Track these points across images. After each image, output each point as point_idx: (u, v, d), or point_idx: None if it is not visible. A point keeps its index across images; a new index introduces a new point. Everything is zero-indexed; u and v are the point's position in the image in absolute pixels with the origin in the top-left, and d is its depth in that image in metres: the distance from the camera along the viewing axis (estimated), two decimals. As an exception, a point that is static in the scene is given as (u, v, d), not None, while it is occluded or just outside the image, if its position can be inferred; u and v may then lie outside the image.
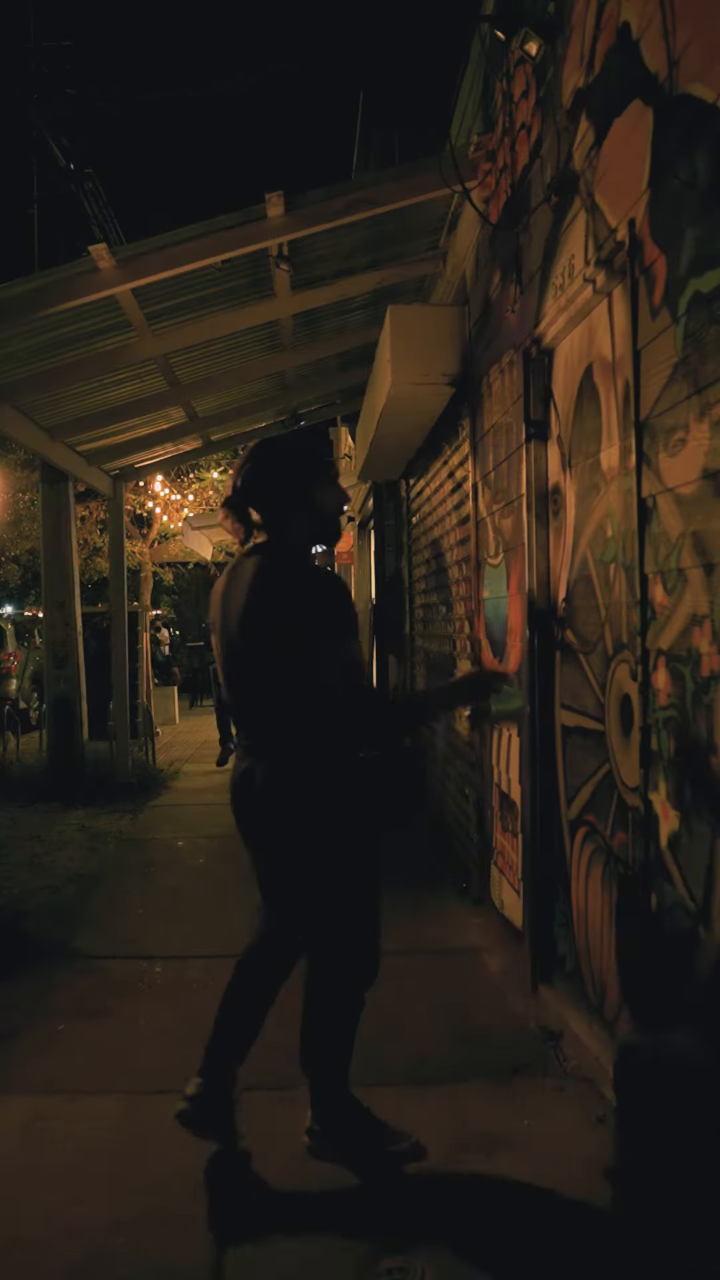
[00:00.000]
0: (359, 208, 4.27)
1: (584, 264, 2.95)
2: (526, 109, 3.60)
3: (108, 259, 4.21)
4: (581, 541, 3.20)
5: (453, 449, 5.48)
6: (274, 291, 5.29)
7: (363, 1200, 2.38)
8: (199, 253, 4.32)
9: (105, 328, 5.15)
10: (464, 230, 4.89)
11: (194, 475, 15.59)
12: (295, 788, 2.37)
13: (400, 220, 4.87)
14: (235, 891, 5.07)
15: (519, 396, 3.75)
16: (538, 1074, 3.02)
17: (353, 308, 6.22)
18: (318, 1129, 2.52)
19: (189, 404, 7.13)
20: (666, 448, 2.36)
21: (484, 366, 4.52)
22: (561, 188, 3.12)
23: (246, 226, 4.29)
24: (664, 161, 2.32)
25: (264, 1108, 2.84)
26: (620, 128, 2.62)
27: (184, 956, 4.13)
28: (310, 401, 8.67)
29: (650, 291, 2.45)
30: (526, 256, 3.65)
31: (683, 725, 2.29)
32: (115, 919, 4.72)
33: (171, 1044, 3.30)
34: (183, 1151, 2.62)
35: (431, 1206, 2.35)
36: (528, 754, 3.70)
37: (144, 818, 7.15)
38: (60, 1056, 3.23)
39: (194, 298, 5.12)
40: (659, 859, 2.43)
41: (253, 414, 8.18)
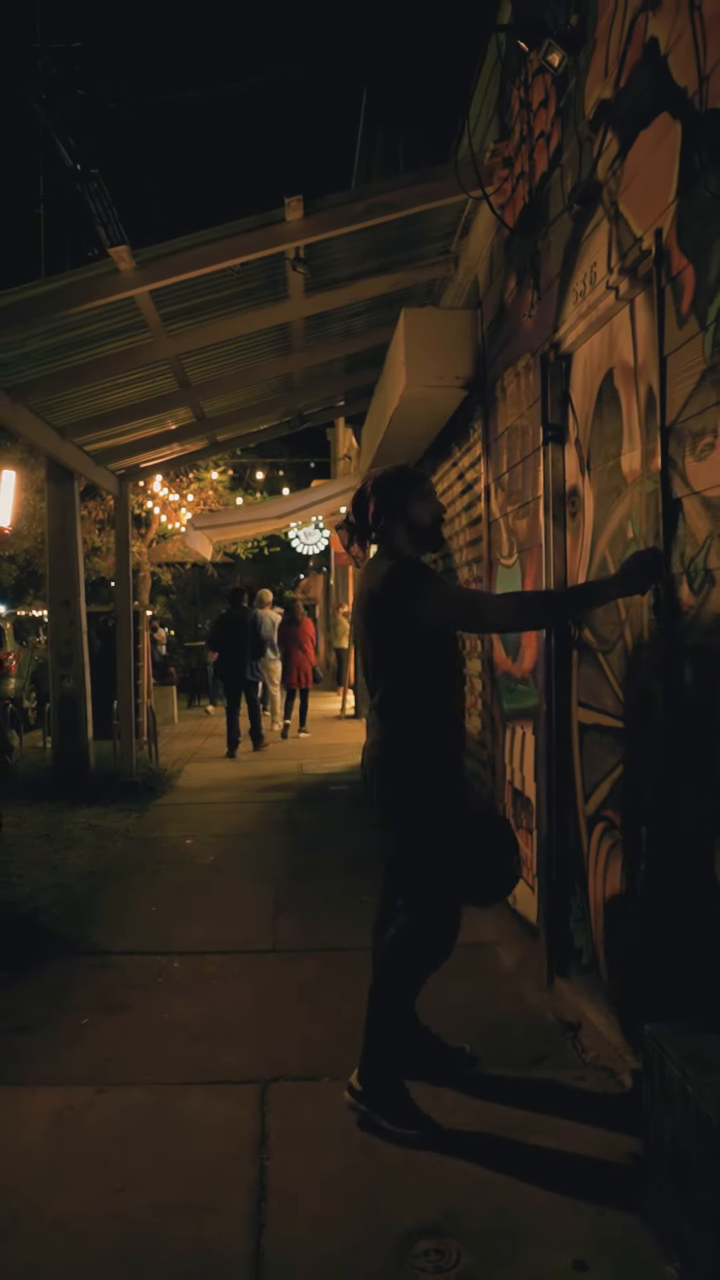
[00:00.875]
0: (377, 212, 4.33)
1: (607, 271, 3.01)
2: (545, 118, 3.66)
3: (128, 260, 4.25)
4: (601, 542, 3.26)
5: (463, 451, 5.54)
6: (288, 294, 5.34)
7: (397, 1182, 2.43)
8: (218, 255, 4.37)
9: (121, 328, 5.19)
10: (477, 235, 4.95)
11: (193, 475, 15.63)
12: (405, 754, 2.76)
13: (414, 224, 4.93)
14: (247, 890, 5.13)
15: (536, 400, 3.81)
16: (557, 1065, 3.08)
17: (360, 311, 6.28)
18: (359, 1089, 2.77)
19: (198, 404, 7.17)
20: (694, 452, 2.42)
21: (498, 370, 4.58)
22: (584, 197, 3.18)
23: (265, 230, 4.34)
24: (693, 174, 2.38)
25: (289, 1098, 2.89)
26: (646, 139, 2.68)
27: (200, 952, 4.17)
28: (315, 403, 8.72)
29: (677, 300, 2.51)
30: (545, 263, 3.71)
31: (709, 722, 2.35)
32: (129, 916, 4.76)
33: (194, 1037, 3.35)
34: (214, 1140, 2.67)
35: (462, 1187, 2.41)
36: (544, 751, 3.76)
37: (150, 816, 7.18)
38: (86, 1049, 3.27)
39: (210, 299, 5.17)
40: (683, 851, 2.50)
41: (259, 415, 8.23)
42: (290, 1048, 3.24)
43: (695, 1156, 1.97)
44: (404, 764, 2.77)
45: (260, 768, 9.32)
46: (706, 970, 2.38)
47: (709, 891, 2.36)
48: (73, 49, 8.38)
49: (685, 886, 2.50)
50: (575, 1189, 2.40)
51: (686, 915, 2.50)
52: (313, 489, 13.60)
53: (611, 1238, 2.22)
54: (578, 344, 3.46)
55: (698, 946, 2.43)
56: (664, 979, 2.63)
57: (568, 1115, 2.74)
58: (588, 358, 3.39)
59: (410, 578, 2.74)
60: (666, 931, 2.63)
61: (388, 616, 2.75)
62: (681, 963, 2.53)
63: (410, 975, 2.78)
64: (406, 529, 2.89)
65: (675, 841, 2.56)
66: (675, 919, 2.56)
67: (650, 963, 2.77)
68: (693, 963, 2.46)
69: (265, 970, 3.98)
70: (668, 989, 2.60)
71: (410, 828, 2.77)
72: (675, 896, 2.56)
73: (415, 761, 2.76)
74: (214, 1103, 2.89)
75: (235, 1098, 2.91)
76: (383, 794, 2.81)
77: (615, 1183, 2.41)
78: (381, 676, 2.83)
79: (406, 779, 2.76)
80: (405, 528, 2.88)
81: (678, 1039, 2.20)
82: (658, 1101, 2.18)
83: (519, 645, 4.19)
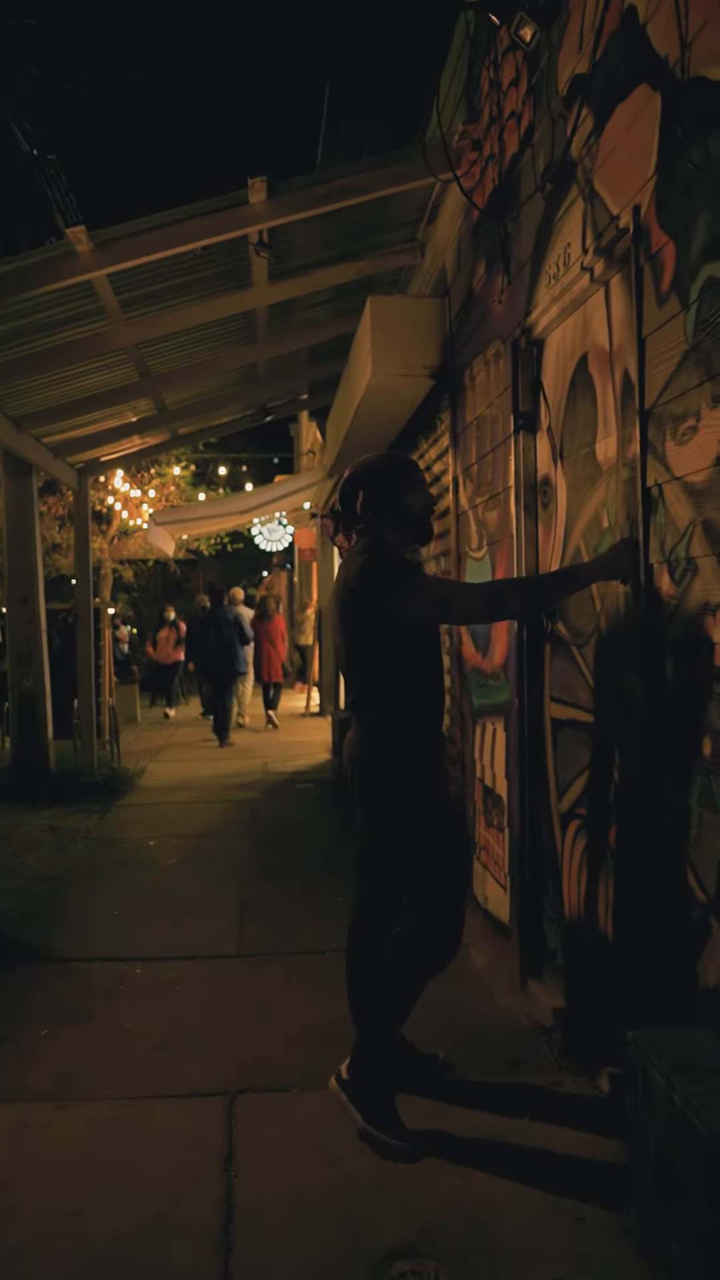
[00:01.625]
0: (342, 195, 4.21)
1: (581, 252, 2.93)
2: (516, 97, 3.57)
3: (86, 242, 4.10)
4: (575, 532, 3.18)
5: (430, 442, 5.44)
6: (251, 281, 5.21)
7: (371, 1198, 2.33)
8: (179, 238, 4.22)
9: (79, 315, 5.02)
10: (445, 221, 4.85)
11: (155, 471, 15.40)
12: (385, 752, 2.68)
13: (380, 210, 4.82)
14: (211, 891, 5.00)
15: (506, 388, 3.72)
16: (534, 1069, 2.99)
17: (325, 300, 6.16)
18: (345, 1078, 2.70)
19: (159, 396, 7.00)
20: (675, 436, 2.34)
21: (466, 359, 4.49)
22: (557, 176, 3.09)
23: (228, 212, 4.20)
24: (674, 146, 2.30)
25: (257, 1111, 2.78)
26: (624, 113, 2.59)
27: (164, 958, 4.04)
28: (279, 395, 8.58)
29: (657, 279, 2.42)
30: (516, 246, 3.62)
31: (693, 716, 2.27)
32: (91, 921, 4.61)
33: (158, 1047, 3.22)
34: (179, 1156, 2.55)
35: (439, 1201, 2.30)
36: (516, 748, 3.67)
37: (112, 817, 7.02)
38: (45, 1062, 3.13)
39: (170, 285, 5.01)
40: (666, 850, 2.42)
41: (222, 407, 8.07)
42: (258, 1057, 3.13)
43: (683, 1170, 1.88)
44: (386, 763, 2.67)
45: (224, 766, 9.18)
46: (685, 973, 2.30)
47: (690, 892, 2.28)
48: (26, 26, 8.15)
49: (664, 885, 2.42)
50: (555, 1201, 2.31)
51: (665, 915, 2.42)
52: (276, 484, 13.47)
53: (593, 1253, 2.14)
54: (550, 329, 3.37)
55: (677, 948, 2.36)
56: (642, 981, 2.55)
57: (545, 1122, 2.65)
58: (560, 343, 3.30)
59: (386, 570, 2.64)
60: (645, 932, 2.55)
61: (365, 611, 2.64)
62: (660, 965, 2.45)
63: (417, 976, 2.68)
64: (396, 520, 2.78)
65: (655, 838, 2.48)
66: (654, 919, 2.48)
67: (628, 965, 2.70)
68: (671, 965, 2.38)
69: (231, 976, 3.86)
70: (646, 992, 2.52)
71: (396, 828, 2.67)
72: (654, 896, 2.48)
73: (397, 760, 2.66)
74: (179, 1117, 2.76)
75: (201, 1111, 2.79)
76: (364, 794, 2.70)
77: (596, 1193, 2.32)
78: (359, 673, 2.73)
79: (389, 778, 2.66)
80: (395, 519, 2.78)
81: (660, 1045, 2.11)
82: (641, 1110, 2.09)
83: (489, 639, 4.10)
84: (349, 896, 2.94)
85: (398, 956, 2.67)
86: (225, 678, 10.98)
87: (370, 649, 2.68)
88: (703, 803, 2.23)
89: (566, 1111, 2.71)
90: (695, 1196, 1.83)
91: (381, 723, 2.68)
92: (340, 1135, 2.61)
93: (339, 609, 2.76)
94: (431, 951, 2.67)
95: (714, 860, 2.18)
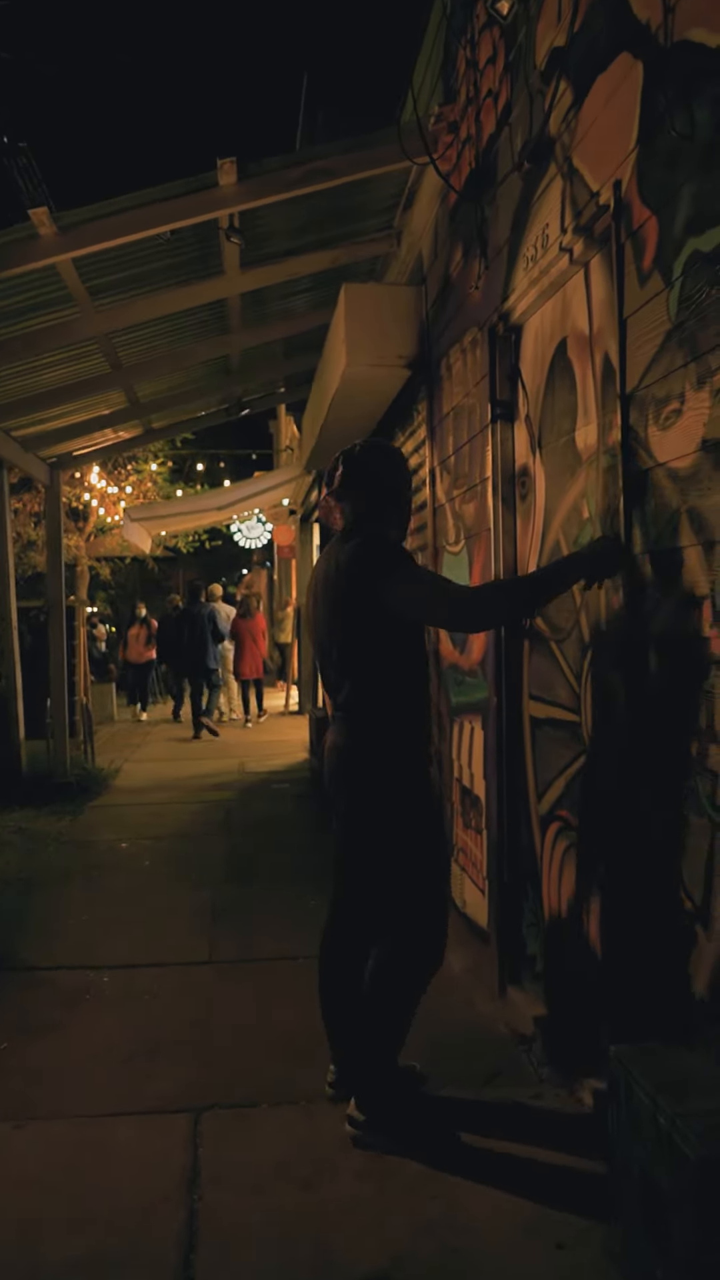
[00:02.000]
0: (315, 179, 4.08)
1: (560, 232, 2.82)
2: (493, 75, 3.45)
3: (49, 224, 3.95)
4: (554, 524, 3.07)
5: (407, 434, 5.33)
6: (223, 268, 5.07)
7: (342, 1223, 2.21)
8: (146, 221, 4.08)
9: (46, 301, 4.87)
10: (421, 207, 4.74)
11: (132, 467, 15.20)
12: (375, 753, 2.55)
13: (355, 196, 4.70)
14: (183, 895, 4.87)
15: (484, 376, 3.61)
16: (512, 1081, 2.89)
17: (301, 290, 6.03)
18: (361, 1119, 2.53)
19: (131, 388, 6.85)
20: (658, 421, 2.24)
21: (443, 348, 4.37)
22: (535, 154, 2.98)
23: (197, 195, 4.06)
24: (657, 116, 2.19)
25: (224, 1128, 2.65)
26: (604, 85, 2.48)
27: (133, 966, 3.90)
28: (254, 389, 8.44)
29: (639, 256, 2.32)
30: (493, 230, 3.51)
31: (678, 714, 2.16)
32: (58, 926, 4.46)
33: (124, 1061, 3.09)
34: (141, 1179, 2.42)
35: (413, 1225, 2.19)
36: (494, 748, 3.56)
37: (85, 819, 6.86)
38: (4, 1078, 2.99)
39: (139, 272, 4.87)
40: (650, 854, 2.31)
41: (196, 400, 7.93)
42: (226, 1070, 3.00)
43: (670, 1194, 1.78)
44: (376, 765, 2.54)
45: (201, 766, 9.03)
46: (670, 983, 2.20)
47: (677, 899, 2.18)
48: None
49: (648, 891, 2.32)
50: (535, 1223, 2.20)
51: (649, 922, 2.32)
52: (254, 480, 13.32)
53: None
54: (528, 314, 3.26)
55: (661, 957, 2.25)
56: (625, 991, 2.44)
57: (524, 1138, 2.55)
58: (539, 328, 3.19)
59: (383, 554, 2.49)
60: (628, 939, 2.44)
61: (356, 597, 2.49)
62: (644, 974, 2.34)
63: (408, 997, 2.58)
64: (398, 512, 2.70)
65: (638, 841, 2.37)
66: (637, 926, 2.38)
67: (611, 973, 2.59)
68: (656, 975, 2.28)
69: (202, 984, 3.73)
70: (629, 1002, 2.41)
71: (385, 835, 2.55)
72: (637, 902, 2.38)
73: (388, 762, 2.53)
74: (142, 1136, 2.63)
75: (165, 1129, 2.66)
76: (351, 797, 2.57)
77: (577, 1214, 2.21)
78: (347, 667, 2.57)
79: (379, 781, 2.53)
80: (397, 510, 2.70)
81: (644, 1061, 2.01)
82: (625, 1129, 1.99)
83: (466, 636, 3.99)
84: (323, 901, 2.82)
85: (384, 983, 2.55)
86: (198, 674, 11.23)
87: (360, 640, 2.53)
88: (688, 805, 2.12)
89: (546, 1126, 2.60)
90: (682, 1223, 1.73)
91: (371, 722, 2.55)
92: (311, 1155, 2.49)
93: (325, 598, 2.60)
94: (418, 966, 2.57)
95: (700, 866, 2.08)
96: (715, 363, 1.98)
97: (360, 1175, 2.40)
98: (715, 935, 2.03)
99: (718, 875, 2.02)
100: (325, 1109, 2.71)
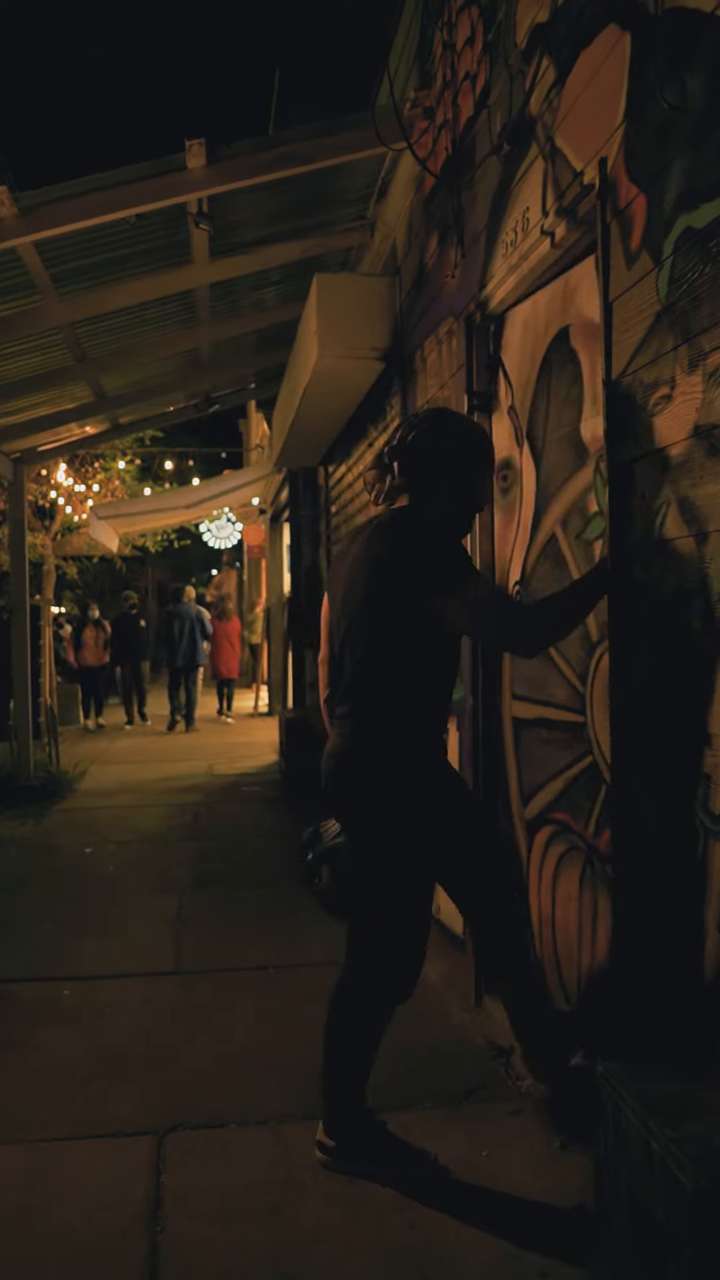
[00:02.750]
0: (287, 163, 3.96)
1: (541, 215, 2.71)
2: (471, 57, 3.35)
3: (8, 205, 3.78)
4: (549, 519, 2.93)
5: (379, 430, 5.22)
6: (191, 257, 4.93)
7: (313, 1255, 2.08)
8: (112, 204, 3.93)
9: (6, 288, 4.69)
10: (396, 197, 4.63)
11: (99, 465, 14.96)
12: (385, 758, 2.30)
13: (328, 183, 4.58)
14: (149, 902, 4.72)
15: (460, 367, 3.50)
16: (490, 1097, 2.77)
17: (271, 282, 5.90)
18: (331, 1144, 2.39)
19: (97, 381, 6.67)
20: (647, 407, 2.14)
21: (417, 340, 4.27)
22: (515, 135, 2.88)
23: (165, 177, 3.92)
24: (646, 89, 2.09)
25: (189, 1151, 2.52)
26: (589, 59, 2.38)
27: (95, 977, 3.75)
28: (224, 384, 8.28)
29: (626, 236, 2.22)
30: (470, 216, 3.40)
31: (669, 712, 2.07)
32: (18, 936, 4.29)
33: (84, 1080, 2.94)
34: (100, 1210, 2.28)
35: (387, 1258, 2.07)
36: (470, 749, 3.46)
37: (48, 822, 6.68)
38: (-46, 1099, 2.84)
39: (105, 259, 4.71)
40: (639, 859, 2.21)
41: (164, 395, 7.76)
42: (192, 1088, 2.86)
43: (664, 1226, 1.67)
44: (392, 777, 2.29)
45: (169, 769, 8.86)
46: (662, 996, 2.10)
47: (670, 911, 2.08)
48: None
49: (639, 899, 2.22)
50: (516, 1252, 2.09)
51: (641, 932, 2.22)
52: (224, 478, 13.15)
53: (561, 1312, 1.92)
54: (508, 302, 3.15)
55: (654, 968, 2.15)
56: (614, 1004, 2.34)
57: (503, 1159, 2.43)
58: (529, 317, 3.06)
59: (448, 549, 2.18)
60: (618, 950, 2.34)
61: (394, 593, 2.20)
62: (634, 986, 2.24)
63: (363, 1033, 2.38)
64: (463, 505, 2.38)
65: (627, 846, 2.27)
66: (628, 936, 2.28)
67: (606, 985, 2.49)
68: (647, 987, 2.18)
69: (167, 995, 3.58)
70: (618, 1015, 2.31)
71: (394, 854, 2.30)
72: (627, 910, 2.28)
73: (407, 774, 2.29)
74: (101, 1161, 2.49)
75: (126, 1153, 2.51)
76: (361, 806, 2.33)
77: (561, 1241, 2.10)
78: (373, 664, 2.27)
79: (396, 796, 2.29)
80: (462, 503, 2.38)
81: (634, 1080, 1.90)
82: (614, 1153, 1.88)
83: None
84: (293, 907, 2.69)
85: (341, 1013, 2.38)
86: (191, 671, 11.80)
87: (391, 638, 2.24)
88: (681, 807, 2.02)
89: (527, 1146, 2.49)
90: (679, 1259, 1.62)
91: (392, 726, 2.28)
92: (280, 1178, 2.37)
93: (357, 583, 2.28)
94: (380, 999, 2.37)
95: (693, 872, 1.98)
96: (709, 344, 1.88)
97: (331, 1201, 2.28)
98: (711, 950, 1.93)
99: (713, 886, 1.92)
100: (294, 1129, 2.58)
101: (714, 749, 1.89)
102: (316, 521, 8.40)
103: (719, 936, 1.92)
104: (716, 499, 1.87)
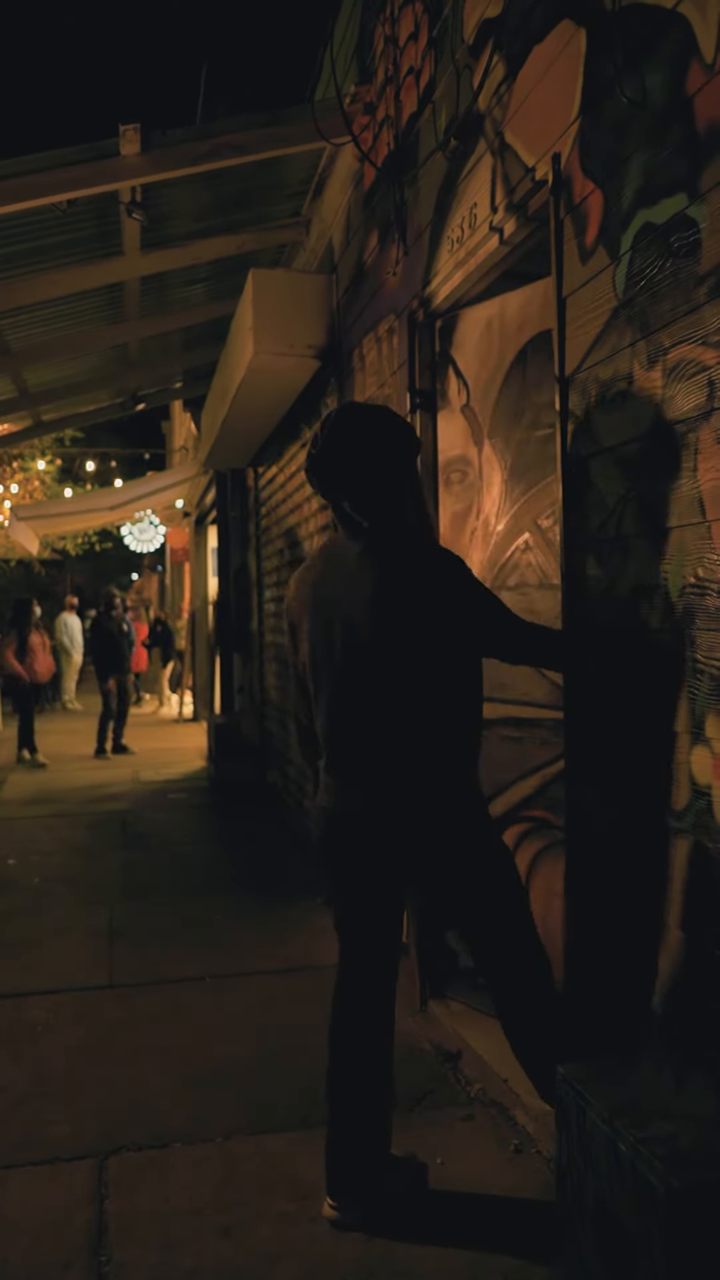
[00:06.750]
0: (225, 153, 3.87)
1: (490, 211, 2.70)
2: (415, 52, 3.32)
3: (-70, 186, 3.62)
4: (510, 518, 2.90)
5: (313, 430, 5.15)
6: (122, 249, 4.80)
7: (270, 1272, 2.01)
8: (41, 188, 3.78)
9: None
10: (332, 194, 4.58)
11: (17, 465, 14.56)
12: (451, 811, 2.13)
13: (264, 178, 4.51)
14: (79, 914, 4.56)
15: (402, 364, 3.47)
16: (442, 1102, 2.73)
17: (202, 278, 5.79)
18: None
19: (19, 375, 6.47)
20: (602, 403, 2.13)
21: (355, 338, 4.22)
22: (462, 132, 2.86)
23: (97, 163, 3.79)
24: (603, 84, 2.08)
25: (133, 1174, 2.41)
26: (542, 54, 2.37)
27: (24, 994, 3.59)
28: (151, 382, 8.12)
29: (580, 232, 2.21)
30: (413, 213, 3.38)
31: (626, 712, 2.06)
32: (-62, 952, 4.09)
33: (16, 1103, 2.79)
34: (39, 1241, 2.16)
35: (345, 1271, 2.00)
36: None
37: (-34, 834, 6.42)
38: None
39: (32, 246, 4.55)
40: (597, 860, 2.20)
41: (90, 391, 7.57)
42: (133, 1107, 2.75)
43: (634, 1232, 1.65)
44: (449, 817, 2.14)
45: (93, 776, 8.62)
46: (623, 998, 2.08)
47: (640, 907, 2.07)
48: None
49: (599, 900, 2.21)
50: (477, 1259, 2.05)
51: (597, 932, 2.20)
52: (148, 479, 12.91)
53: (525, 1322, 1.89)
54: (455, 299, 3.12)
55: (614, 967, 2.14)
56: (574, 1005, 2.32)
57: (459, 1167, 2.39)
58: (496, 318, 3.00)
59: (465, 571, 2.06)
60: (576, 950, 2.32)
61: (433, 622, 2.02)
62: (595, 987, 2.23)
63: None
64: (415, 502, 2.17)
65: (587, 847, 2.26)
66: (585, 937, 2.26)
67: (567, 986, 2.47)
68: (609, 988, 2.16)
69: (102, 1010, 3.45)
70: (579, 1018, 2.29)
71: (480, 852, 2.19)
72: (583, 912, 2.26)
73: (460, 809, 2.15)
74: (38, 1190, 2.36)
75: (66, 1180, 2.39)
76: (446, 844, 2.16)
77: (524, 1245, 2.07)
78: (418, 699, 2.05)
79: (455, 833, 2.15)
80: (414, 501, 2.17)
81: (596, 1080, 1.88)
82: (576, 1157, 1.85)
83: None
84: (227, 915, 2.59)
85: None
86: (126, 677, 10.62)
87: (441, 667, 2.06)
88: (643, 804, 2.01)
89: (483, 1152, 2.46)
90: (650, 1262, 1.60)
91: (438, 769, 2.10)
92: (231, 1198, 2.28)
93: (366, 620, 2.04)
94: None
95: (655, 872, 1.97)
96: (669, 340, 1.88)
97: (285, 1219, 2.20)
98: (671, 947, 1.92)
99: (674, 883, 1.91)
100: (242, 1144, 2.50)
101: (674, 745, 1.89)
102: (246, 523, 8.29)
103: (679, 934, 1.91)
104: (676, 495, 1.87)
